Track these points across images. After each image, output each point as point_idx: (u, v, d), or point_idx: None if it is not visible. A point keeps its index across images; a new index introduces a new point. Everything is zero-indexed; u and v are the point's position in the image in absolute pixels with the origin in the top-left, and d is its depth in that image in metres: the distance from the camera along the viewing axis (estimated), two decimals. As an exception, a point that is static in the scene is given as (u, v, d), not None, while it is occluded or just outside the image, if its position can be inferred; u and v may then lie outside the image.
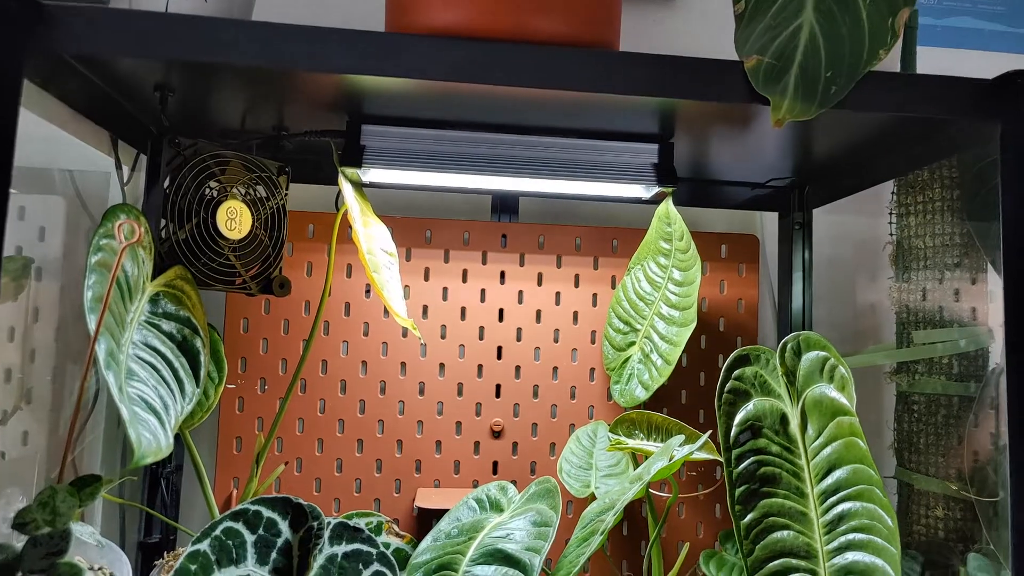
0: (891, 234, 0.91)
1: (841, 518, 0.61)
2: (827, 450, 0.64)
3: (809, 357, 0.68)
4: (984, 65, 0.90)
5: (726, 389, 0.69)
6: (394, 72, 0.58)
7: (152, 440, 0.57)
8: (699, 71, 0.58)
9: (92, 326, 0.56)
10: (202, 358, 0.68)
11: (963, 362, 0.83)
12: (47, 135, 0.73)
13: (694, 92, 0.58)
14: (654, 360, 0.82)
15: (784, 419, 0.67)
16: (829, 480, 0.63)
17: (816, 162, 0.85)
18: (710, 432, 0.66)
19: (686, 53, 0.59)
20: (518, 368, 0.93)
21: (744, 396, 0.69)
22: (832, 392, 0.66)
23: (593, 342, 0.94)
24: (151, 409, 0.59)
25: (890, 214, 0.91)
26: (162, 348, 0.65)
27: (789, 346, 0.69)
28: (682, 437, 0.68)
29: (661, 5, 1.02)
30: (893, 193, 0.91)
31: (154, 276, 0.69)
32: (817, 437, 0.65)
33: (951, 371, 0.83)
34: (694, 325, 0.78)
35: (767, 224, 1.01)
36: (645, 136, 0.75)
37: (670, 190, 0.77)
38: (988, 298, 0.85)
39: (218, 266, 0.74)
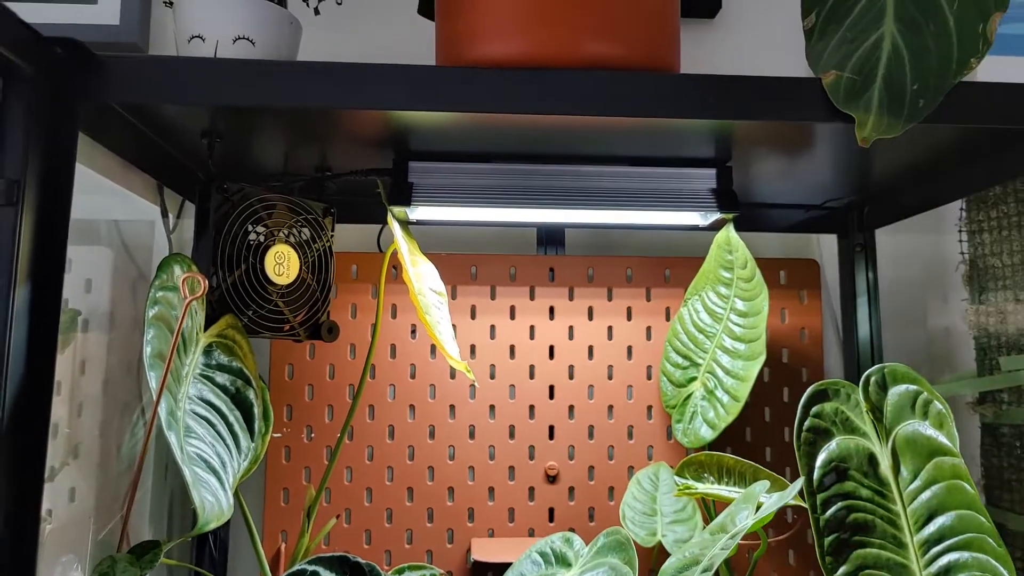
0: (962, 252, 0.86)
1: (948, 571, 0.55)
2: (926, 494, 0.59)
3: (897, 391, 0.63)
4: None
5: (805, 427, 0.64)
6: (444, 106, 0.56)
7: (215, 503, 0.54)
8: (769, 90, 0.55)
9: (154, 384, 0.54)
10: (256, 410, 0.66)
11: (1055, 389, 0.77)
12: (94, 185, 0.73)
13: (766, 112, 0.55)
14: (719, 396, 0.77)
15: (873, 460, 0.62)
16: (931, 528, 0.57)
17: (878, 181, 0.81)
18: (801, 481, 0.61)
19: (730, 72, 0.56)
20: (571, 408, 0.89)
21: (825, 435, 0.64)
22: (928, 430, 0.61)
23: (649, 378, 0.90)
24: (210, 469, 0.57)
25: (960, 231, 0.86)
26: (217, 402, 0.63)
27: (873, 379, 0.65)
28: (767, 483, 0.63)
29: (701, 25, 0.99)
30: (962, 210, 0.86)
31: (207, 327, 0.67)
32: (913, 479, 0.60)
33: (1041, 399, 0.78)
34: (763, 358, 0.74)
35: (825, 247, 0.97)
36: (702, 161, 0.72)
37: (731, 216, 0.74)
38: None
39: (267, 313, 0.72)
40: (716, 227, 0.78)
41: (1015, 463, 0.78)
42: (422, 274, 0.77)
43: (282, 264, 0.73)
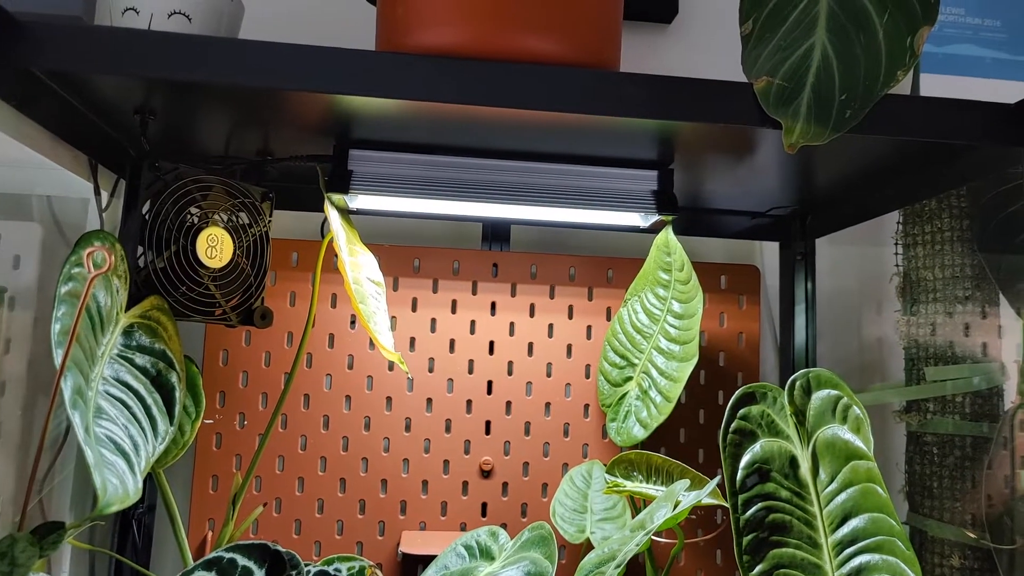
0: (897, 265, 0.88)
1: (860, 572, 0.57)
2: (842, 496, 0.60)
3: (820, 396, 0.65)
4: (986, 92, 0.88)
5: (731, 429, 0.65)
6: (384, 93, 0.55)
7: (118, 486, 0.52)
8: (706, 93, 0.56)
9: (58, 361, 0.52)
10: (177, 394, 0.64)
11: (977, 401, 0.80)
12: (24, 159, 0.70)
13: (701, 114, 0.55)
14: (653, 397, 0.78)
15: (794, 462, 0.63)
16: (845, 530, 0.59)
17: (819, 190, 0.82)
18: (719, 478, 0.62)
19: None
20: (509, 404, 0.89)
21: (750, 437, 0.65)
22: (846, 434, 0.62)
23: (587, 377, 0.90)
24: (120, 451, 0.55)
25: (896, 244, 0.88)
26: (134, 384, 0.61)
27: (798, 384, 0.66)
28: (687, 482, 0.64)
29: (656, 30, 1.00)
30: (899, 223, 0.88)
31: (129, 307, 0.65)
32: (830, 482, 0.61)
33: (964, 410, 0.80)
34: (695, 360, 0.74)
35: (768, 255, 0.98)
36: (644, 163, 0.73)
37: (670, 218, 0.74)
38: (1000, 333, 0.82)
39: (197, 296, 0.71)
40: (656, 229, 0.79)
41: (937, 471, 0.80)
42: (360, 263, 0.76)
43: (215, 247, 0.71)
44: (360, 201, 0.75)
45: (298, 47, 0.56)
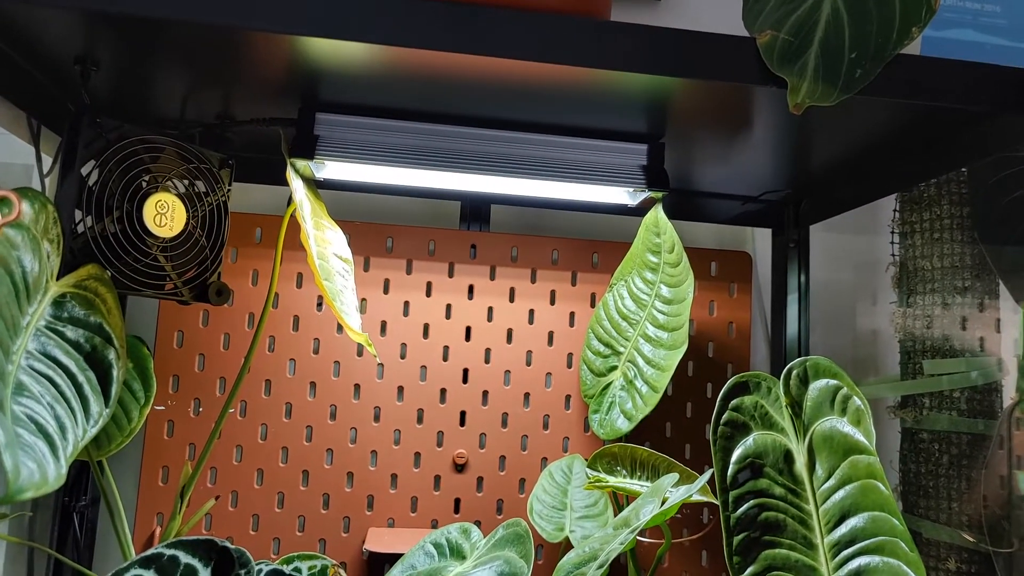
0: (893, 254, 0.84)
1: (858, 575, 0.52)
2: (839, 494, 0.55)
3: (818, 386, 0.60)
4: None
5: (722, 421, 0.61)
6: (353, 35, 0.49)
7: (35, 471, 0.46)
8: (705, 46, 0.51)
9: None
10: (115, 372, 0.58)
11: (975, 397, 0.76)
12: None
13: (699, 70, 0.50)
14: (638, 387, 0.73)
15: (789, 456, 0.59)
16: (843, 529, 0.54)
17: (814, 172, 0.78)
18: (710, 473, 0.57)
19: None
20: (485, 393, 0.83)
21: (743, 429, 0.60)
22: (845, 427, 0.57)
23: (570, 366, 0.85)
24: (42, 432, 0.49)
25: (892, 233, 0.84)
26: (64, 359, 0.55)
27: (795, 373, 0.61)
28: (675, 476, 0.59)
29: (646, 6, 0.95)
30: (896, 210, 0.84)
31: (63, 275, 0.59)
32: (828, 478, 0.57)
33: (960, 407, 0.76)
34: (684, 348, 0.70)
35: (760, 241, 0.94)
36: (633, 135, 0.68)
37: (660, 195, 0.70)
38: (999, 326, 0.78)
39: (144, 267, 0.64)
40: (645, 208, 0.74)
41: (933, 469, 0.76)
42: (327, 238, 0.71)
43: (165, 215, 0.65)
44: (328, 170, 0.70)
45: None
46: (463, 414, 0.83)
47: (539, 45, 0.50)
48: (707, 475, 0.57)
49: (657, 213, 0.73)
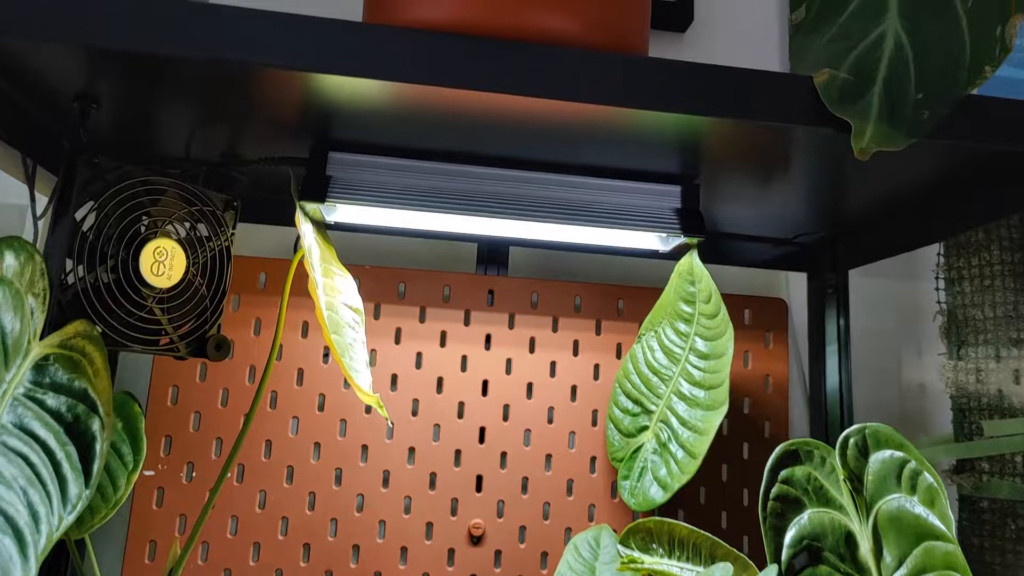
0: (940, 302, 0.79)
1: None
2: (917, 584, 0.49)
3: (880, 458, 0.54)
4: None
5: (772, 495, 0.55)
6: (372, 72, 0.45)
7: None
8: (750, 83, 0.46)
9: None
10: (98, 446, 0.52)
11: (1040, 459, 0.69)
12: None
13: (745, 110, 0.46)
14: (673, 451, 0.67)
15: (851, 540, 0.52)
16: (924, 627, 0.47)
17: (854, 214, 0.73)
18: (776, 570, 0.50)
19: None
20: (504, 455, 0.77)
21: (796, 506, 0.54)
22: (916, 507, 0.51)
23: (595, 424, 0.79)
24: (11, 525, 0.43)
25: (937, 279, 0.79)
26: (42, 433, 0.49)
27: (852, 442, 0.55)
28: (728, 568, 0.53)
29: (671, 39, 0.92)
30: (940, 255, 0.79)
31: (49, 333, 0.54)
32: (898, 567, 0.50)
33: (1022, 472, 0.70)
34: (725, 409, 0.64)
35: (793, 286, 0.89)
36: (665, 176, 0.63)
37: (695, 242, 0.65)
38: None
39: (137, 321, 0.59)
40: (677, 254, 0.69)
41: (998, 544, 0.69)
42: (336, 287, 0.65)
43: (163, 263, 0.60)
44: (340, 213, 0.65)
45: (272, 15, 0.46)
46: (479, 478, 0.76)
47: (573, 83, 0.45)
48: (773, 571, 0.51)
49: (692, 260, 0.68)
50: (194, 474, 0.73)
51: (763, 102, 0.47)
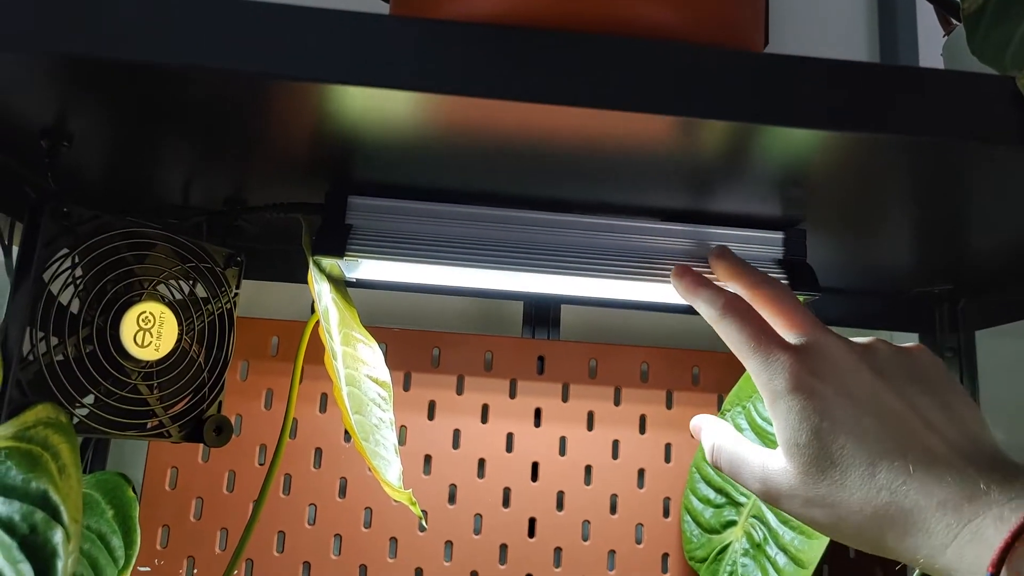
0: (1092, 369, 0.64)
1: None
2: None
3: None
4: None
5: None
6: (405, 80, 0.34)
7: None
8: (921, 85, 0.34)
9: None
10: (60, 564, 0.41)
11: None
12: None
13: (935, 124, 0.33)
14: (772, 556, 0.53)
15: None
16: None
17: (985, 265, 0.60)
18: None
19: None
20: (558, 551, 0.64)
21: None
22: None
23: (667, 515, 0.65)
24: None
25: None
26: (-14, 548, 0.38)
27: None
28: None
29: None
30: (1088, 311, 0.65)
31: (5, 420, 0.44)
32: None
33: None
34: (844, 509, 0.50)
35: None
36: (760, 220, 0.51)
37: (803, 300, 0.52)
38: None
39: (117, 402, 0.49)
40: (772, 313, 0.56)
41: None
42: (360, 357, 0.54)
43: (149, 330, 0.50)
44: (363, 269, 0.54)
45: (272, 5, 0.36)
46: (530, 581, 0.63)
47: (677, 89, 0.34)
48: None
49: (792, 322, 0.55)
50: (195, 571, 0.62)
51: (952, 112, 0.34)
